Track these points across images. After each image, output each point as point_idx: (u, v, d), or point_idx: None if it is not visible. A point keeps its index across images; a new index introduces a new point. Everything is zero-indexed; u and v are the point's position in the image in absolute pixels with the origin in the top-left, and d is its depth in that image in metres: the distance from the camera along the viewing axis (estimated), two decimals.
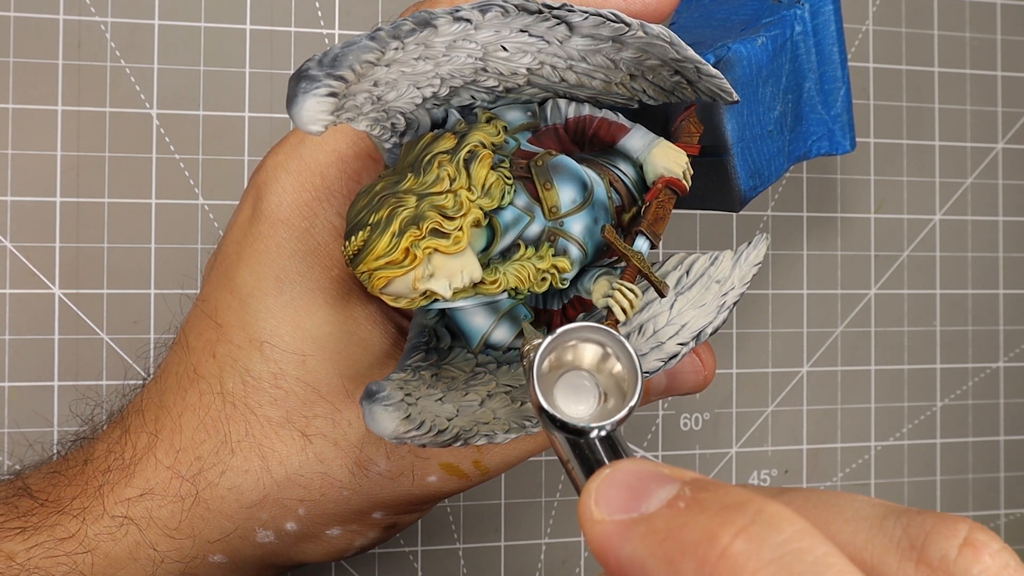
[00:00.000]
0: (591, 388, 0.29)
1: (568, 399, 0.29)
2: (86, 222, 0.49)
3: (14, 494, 0.39)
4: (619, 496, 0.24)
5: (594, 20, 0.31)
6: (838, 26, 0.43)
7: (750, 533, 0.22)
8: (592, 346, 0.29)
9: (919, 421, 0.60)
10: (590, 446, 0.28)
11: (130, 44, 0.50)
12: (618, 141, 0.35)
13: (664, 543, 0.23)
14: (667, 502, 0.23)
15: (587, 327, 0.29)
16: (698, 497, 0.23)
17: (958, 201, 0.60)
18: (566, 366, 0.29)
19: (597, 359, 0.29)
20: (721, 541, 0.22)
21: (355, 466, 0.38)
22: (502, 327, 0.34)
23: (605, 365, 0.29)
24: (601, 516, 0.24)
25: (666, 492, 0.24)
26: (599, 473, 0.25)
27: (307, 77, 0.28)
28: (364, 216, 0.30)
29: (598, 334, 0.29)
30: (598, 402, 0.29)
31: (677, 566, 0.22)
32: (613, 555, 0.24)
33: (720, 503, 0.23)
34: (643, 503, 0.24)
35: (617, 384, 0.29)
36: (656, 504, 0.24)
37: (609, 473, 0.25)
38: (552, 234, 0.33)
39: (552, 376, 0.29)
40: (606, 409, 0.29)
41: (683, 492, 0.24)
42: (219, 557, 0.39)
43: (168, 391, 0.39)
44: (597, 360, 0.29)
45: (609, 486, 0.25)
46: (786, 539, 0.22)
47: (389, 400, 0.31)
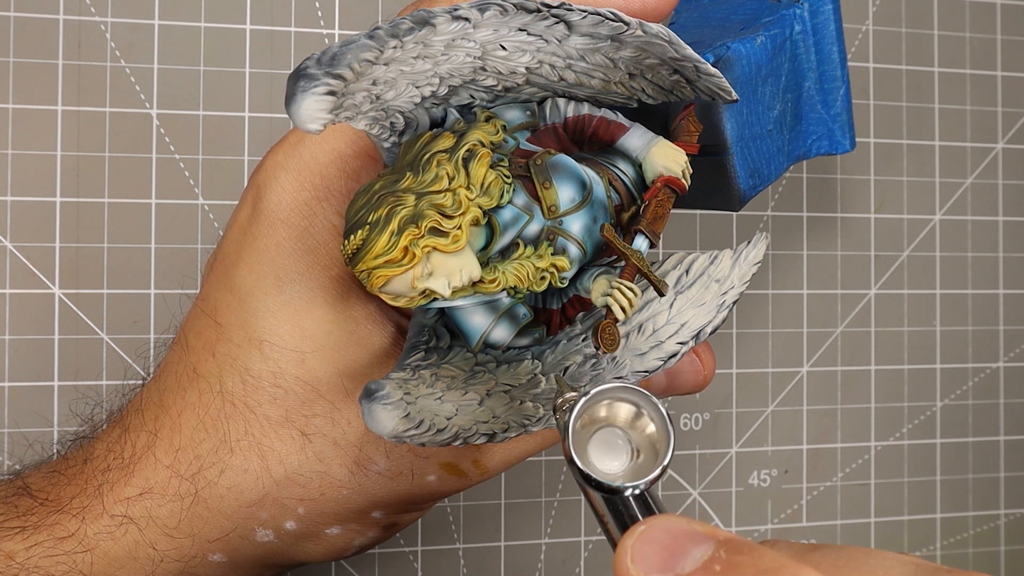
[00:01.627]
0: (624, 445, 0.30)
1: (602, 455, 0.29)
2: (86, 222, 0.49)
3: (14, 493, 0.39)
4: (654, 554, 0.25)
5: (593, 19, 0.31)
6: (837, 25, 0.43)
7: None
8: (626, 405, 0.29)
9: (919, 421, 0.60)
10: (624, 502, 0.29)
11: (130, 44, 0.50)
12: (617, 140, 0.35)
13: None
14: (702, 564, 0.24)
15: (622, 388, 0.29)
16: (733, 560, 0.24)
17: (958, 201, 0.60)
18: (600, 422, 0.30)
19: (631, 417, 0.29)
20: None
21: (354, 465, 0.38)
22: (501, 326, 0.34)
23: (638, 423, 0.29)
24: (637, 573, 0.25)
25: (701, 552, 0.24)
26: (634, 530, 0.25)
27: (306, 76, 0.28)
28: (363, 215, 0.30)
29: (632, 395, 0.29)
30: (631, 458, 0.30)
31: None
32: None
33: (755, 568, 0.23)
34: (679, 562, 0.24)
35: (650, 441, 0.29)
36: (692, 565, 0.24)
37: (644, 530, 0.25)
38: (551, 233, 0.33)
39: (586, 432, 0.29)
40: (639, 465, 0.29)
41: (718, 555, 0.24)
42: (218, 556, 0.39)
43: (167, 390, 0.39)
44: (631, 419, 0.30)
45: (644, 543, 0.25)
46: None
47: (388, 399, 0.31)
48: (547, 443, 0.39)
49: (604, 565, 0.55)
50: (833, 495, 0.58)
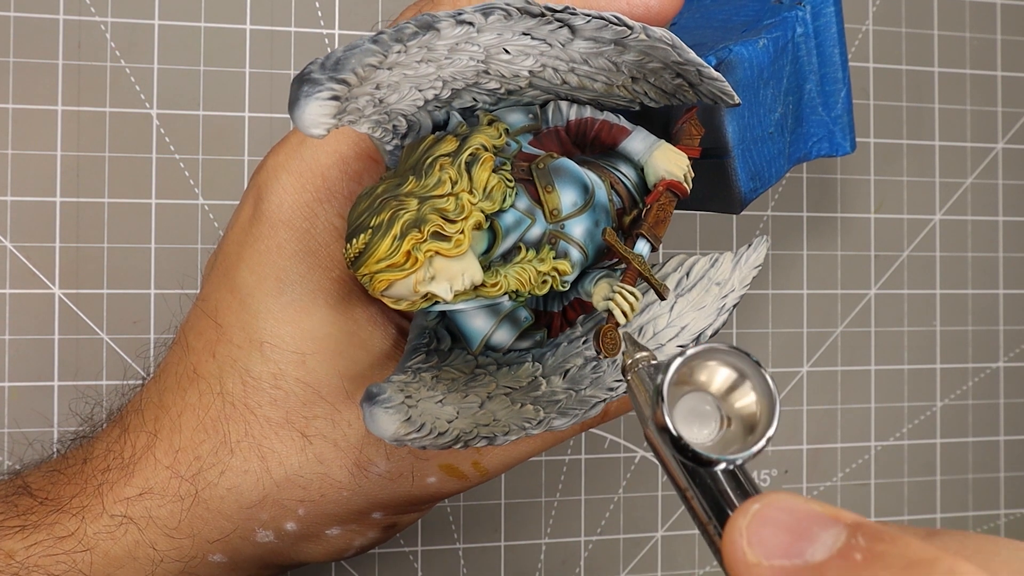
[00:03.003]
0: (712, 412, 0.27)
1: (689, 422, 0.27)
2: (86, 222, 0.49)
3: (14, 492, 0.39)
4: (776, 537, 0.22)
5: (596, 23, 0.31)
6: (839, 28, 0.43)
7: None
8: (726, 370, 0.27)
9: (919, 421, 0.60)
10: (713, 476, 0.26)
11: (130, 44, 0.50)
12: (619, 143, 0.35)
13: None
14: (838, 552, 0.22)
15: (728, 350, 0.26)
16: (876, 550, 0.21)
17: (958, 201, 0.60)
18: (690, 386, 0.27)
19: (727, 384, 0.27)
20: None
21: (355, 467, 0.38)
22: (502, 329, 0.34)
23: (734, 392, 0.27)
24: (757, 559, 0.22)
25: (831, 537, 0.22)
26: (747, 508, 0.23)
27: (309, 80, 0.28)
28: (366, 219, 0.30)
29: (737, 359, 0.26)
30: (719, 427, 0.27)
31: None
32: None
33: (903, 559, 0.21)
34: (807, 547, 0.22)
35: (741, 411, 0.27)
36: (823, 551, 0.22)
37: (759, 509, 0.23)
38: (553, 237, 0.33)
39: (672, 396, 0.26)
40: (728, 435, 0.27)
41: (856, 542, 0.22)
42: (219, 557, 0.39)
43: (167, 391, 0.39)
44: (727, 384, 0.27)
45: (762, 525, 0.23)
46: None
47: (390, 402, 0.31)
48: (547, 445, 0.39)
49: (604, 565, 0.55)
50: (833, 495, 0.58)
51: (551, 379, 0.35)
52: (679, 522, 0.56)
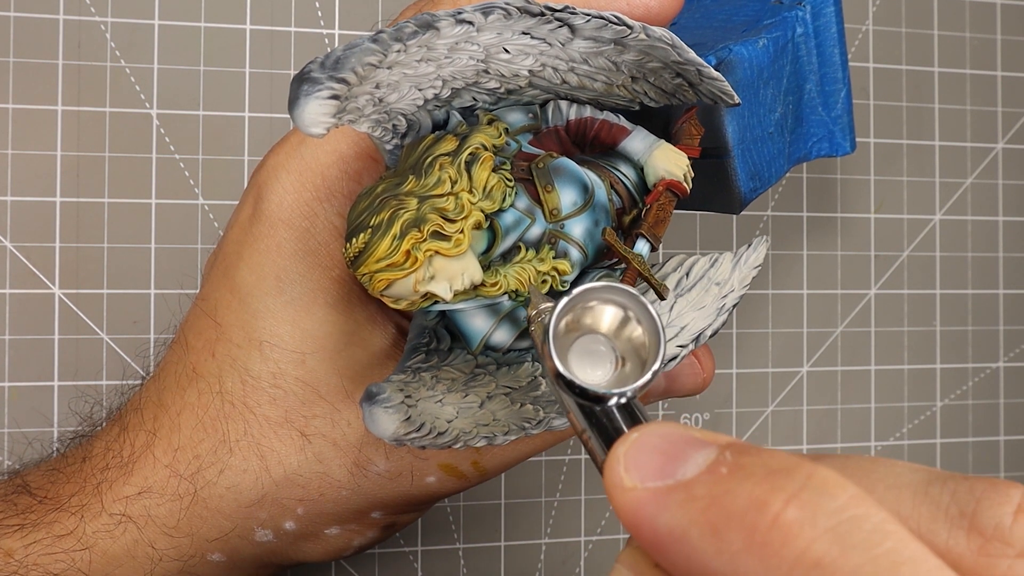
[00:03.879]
0: (607, 353, 0.27)
1: (583, 364, 0.27)
2: (86, 222, 0.49)
3: (13, 491, 0.39)
4: (651, 461, 0.23)
5: (596, 23, 0.31)
6: (839, 28, 0.43)
7: (802, 500, 0.20)
8: (611, 308, 0.27)
9: (919, 421, 0.60)
10: (608, 414, 0.26)
11: (130, 44, 0.50)
12: (619, 143, 0.35)
13: (707, 511, 0.21)
14: (706, 467, 0.22)
15: (607, 287, 0.27)
16: (741, 462, 0.22)
17: (958, 201, 0.60)
18: (581, 330, 0.27)
19: (616, 323, 0.27)
20: (772, 508, 0.20)
21: (354, 466, 0.38)
22: (502, 329, 0.34)
23: (624, 330, 0.27)
24: (632, 483, 0.23)
25: (703, 457, 0.22)
26: (626, 437, 0.23)
27: (309, 79, 0.28)
28: (365, 218, 0.30)
29: (618, 295, 0.27)
30: (614, 368, 0.27)
31: (723, 535, 0.21)
32: (648, 524, 0.22)
33: (766, 468, 0.21)
34: (679, 469, 0.22)
35: (635, 349, 0.27)
36: (694, 470, 0.22)
37: (638, 437, 0.23)
38: (553, 236, 0.33)
39: (566, 340, 0.27)
40: (624, 375, 0.27)
41: (723, 457, 0.22)
42: (217, 556, 0.39)
43: (167, 390, 0.39)
44: (616, 324, 0.27)
45: (639, 451, 0.23)
46: (841, 506, 0.20)
47: (389, 402, 0.31)
48: (546, 444, 0.39)
49: (604, 565, 0.55)
50: None
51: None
52: None
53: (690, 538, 0.21)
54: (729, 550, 0.21)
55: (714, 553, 0.21)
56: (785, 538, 0.20)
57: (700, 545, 0.21)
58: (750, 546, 0.20)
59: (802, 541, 0.20)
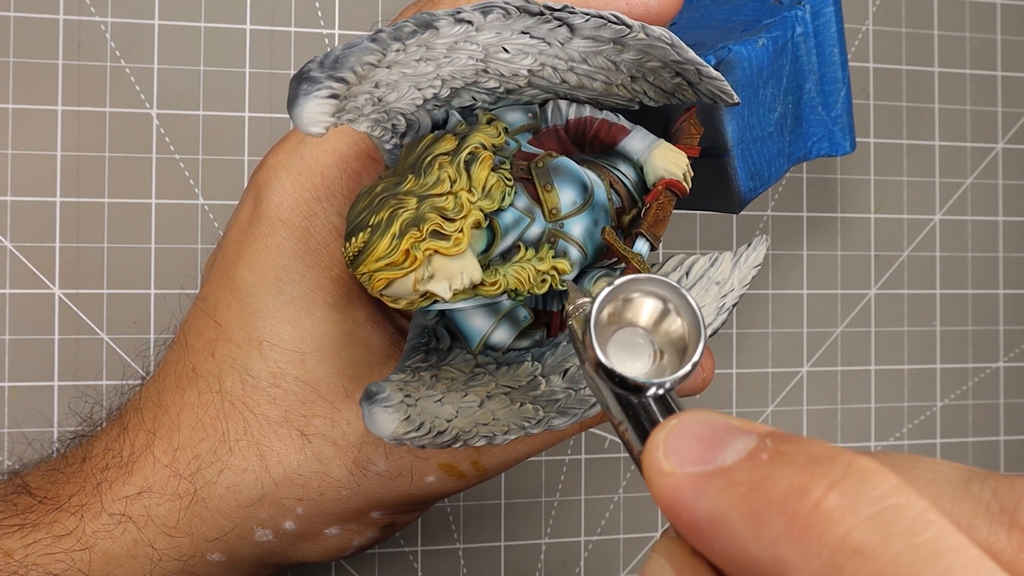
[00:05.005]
0: (645, 346, 0.27)
1: (622, 356, 0.27)
2: (86, 222, 0.49)
3: (13, 491, 0.39)
4: (691, 447, 0.23)
5: (595, 22, 0.31)
6: (839, 27, 0.43)
7: (844, 487, 0.20)
8: (651, 300, 0.27)
9: (919, 421, 0.60)
10: (644, 406, 0.26)
11: (130, 44, 0.50)
12: (618, 143, 0.35)
13: (747, 496, 0.21)
14: (747, 454, 0.22)
15: (649, 279, 0.27)
16: (781, 449, 0.22)
17: (958, 201, 0.60)
18: (621, 322, 0.27)
19: (655, 316, 0.27)
20: (813, 495, 0.20)
21: (354, 466, 0.38)
22: (502, 328, 0.34)
23: (663, 323, 0.27)
24: (672, 468, 0.23)
25: (743, 444, 0.23)
26: (666, 424, 0.24)
27: (308, 79, 0.28)
28: (364, 217, 0.30)
29: (660, 287, 0.27)
30: (652, 360, 0.27)
31: (763, 520, 0.21)
32: (687, 509, 0.22)
33: (807, 455, 0.21)
34: (719, 455, 0.23)
35: (673, 343, 0.27)
36: (733, 456, 0.22)
37: (677, 424, 0.24)
38: (552, 236, 0.33)
39: (606, 332, 0.27)
40: (661, 367, 0.27)
41: (764, 444, 0.22)
42: (217, 556, 0.39)
43: (167, 390, 0.39)
44: (655, 317, 0.27)
45: (679, 437, 0.23)
46: (882, 495, 0.20)
47: (389, 401, 0.31)
48: (546, 444, 0.39)
49: (604, 565, 0.55)
50: None
51: (550, 378, 0.35)
52: None
53: (729, 523, 0.21)
54: (769, 535, 0.21)
55: (754, 537, 0.21)
56: (826, 524, 0.20)
57: (740, 530, 0.21)
58: (790, 531, 0.20)
59: (843, 527, 0.20)
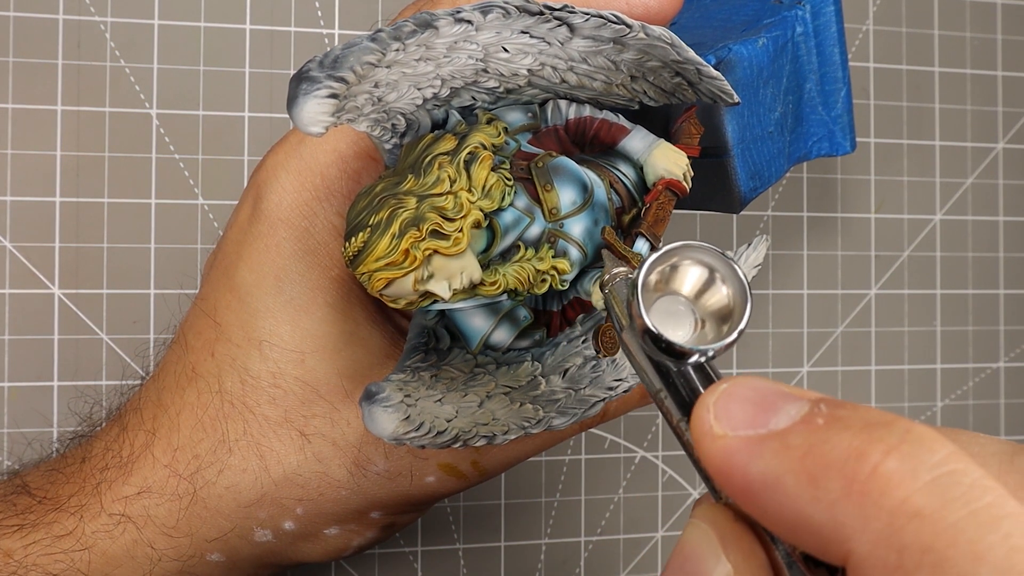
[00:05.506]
0: (686, 314, 0.27)
1: (664, 324, 0.26)
2: (86, 222, 0.49)
3: (12, 492, 0.39)
4: (742, 411, 0.23)
5: (595, 22, 0.30)
6: (839, 27, 0.43)
7: (903, 452, 0.20)
8: (697, 268, 0.27)
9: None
10: (684, 375, 0.26)
11: (130, 44, 0.50)
12: (618, 142, 0.35)
13: (804, 459, 0.21)
14: (801, 418, 0.22)
15: (700, 247, 0.26)
16: (837, 414, 0.22)
17: (958, 201, 0.60)
18: (664, 290, 0.27)
19: (699, 285, 0.27)
20: (871, 459, 0.21)
21: (353, 466, 0.38)
22: (501, 328, 0.34)
23: (706, 292, 0.27)
24: (723, 431, 0.23)
25: (796, 408, 0.23)
26: (716, 387, 0.24)
27: (308, 78, 0.28)
28: (364, 217, 0.30)
29: (708, 255, 0.27)
30: (693, 329, 0.27)
31: (820, 483, 0.21)
32: (740, 472, 0.22)
33: (863, 420, 0.21)
34: (771, 418, 0.23)
35: (714, 312, 0.27)
36: (787, 420, 0.22)
37: (728, 388, 0.23)
38: (552, 236, 0.33)
39: (648, 298, 0.26)
40: (703, 335, 0.27)
41: (819, 409, 0.22)
42: (217, 556, 0.39)
43: (166, 390, 0.39)
44: (699, 286, 0.27)
45: (730, 400, 0.23)
46: (940, 460, 0.20)
47: (389, 401, 0.31)
48: (546, 444, 0.39)
49: (604, 565, 0.55)
50: None
51: (550, 378, 0.35)
52: (679, 522, 0.56)
53: (785, 485, 0.21)
54: (827, 498, 0.21)
55: (810, 500, 0.21)
56: (885, 487, 0.20)
57: (796, 492, 0.21)
58: (849, 494, 0.20)
59: (902, 491, 0.20)
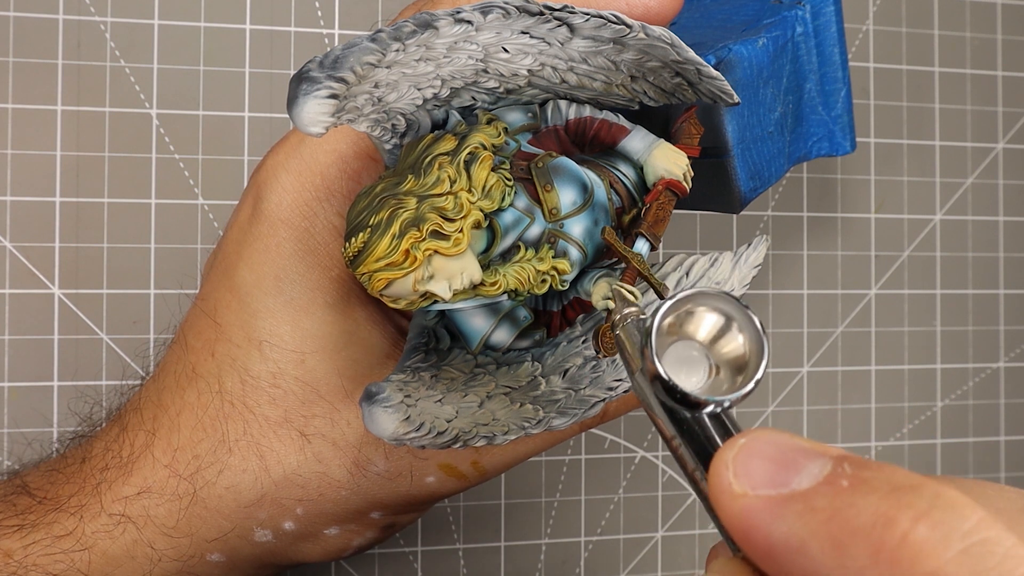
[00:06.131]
0: (701, 361, 0.27)
1: (677, 370, 0.26)
2: (86, 222, 0.49)
3: (12, 492, 0.39)
4: (763, 468, 0.22)
5: (595, 22, 0.30)
6: (839, 27, 0.43)
7: (933, 519, 0.20)
8: (714, 316, 0.27)
9: (919, 421, 0.60)
10: (699, 422, 0.25)
11: (130, 44, 0.50)
12: (618, 142, 0.35)
13: (829, 524, 0.21)
14: (824, 479, 0.22)
15: (718, 294, 0.26)
16: (862, 476, 0.21)
17: (958, 201, 0.60)
18: (678, 335, 0.27)
19: (714, 331, 0.27)
20: (900, 526, 0.20)
21: (353, 466, 0.38)
22: (502, 328, 0.34)
23: (721, 339, 0.27)
24: (743, 490, 0.22)
25: (817, 467, 0.22)
26: (734, 442, 0.23)
27: (308, 79, 0.28)
28: (364, 218, 0.30)
29: (725, 303, 0.26)
30: (707, 376, 0.27)
31: (847, 550, 0.20)
32: (762, 533, 0.22)
33: (890, 483, 0.21)
34: (793, 477, 0.22)
35: (729, 360, 0.26)
36: (809, 480, 0.22)
37: (746, 443, 0.23)
38: (552, 236, 0.32)
39: (662, 344, 0.26)
40: (717, 383, 0.26)
41: (842, 469, 0.22)
42: (217, 556, 0.39)
43: (166, 390, 0.39)
44: (714, 332, 0.27)
45: (748, 456, 0.23)
46: (972, 528, 0.20)
47: (389, 402, 0.31)
48: (546, 444, 0.39)
49: (604, 565, 0.55)
50: None
51: (550, 378, 0.35)
52: (679, 522, 0.56)
53: (809, 550, 0.21)
54: (854, 565, 0.20)
55: (836, 567, 0.21)
56: (916, 557, 0.20)
57: (820, 558, 0.21)
58: (876, 563, 0.20)
59: (934, 561, 0.20)
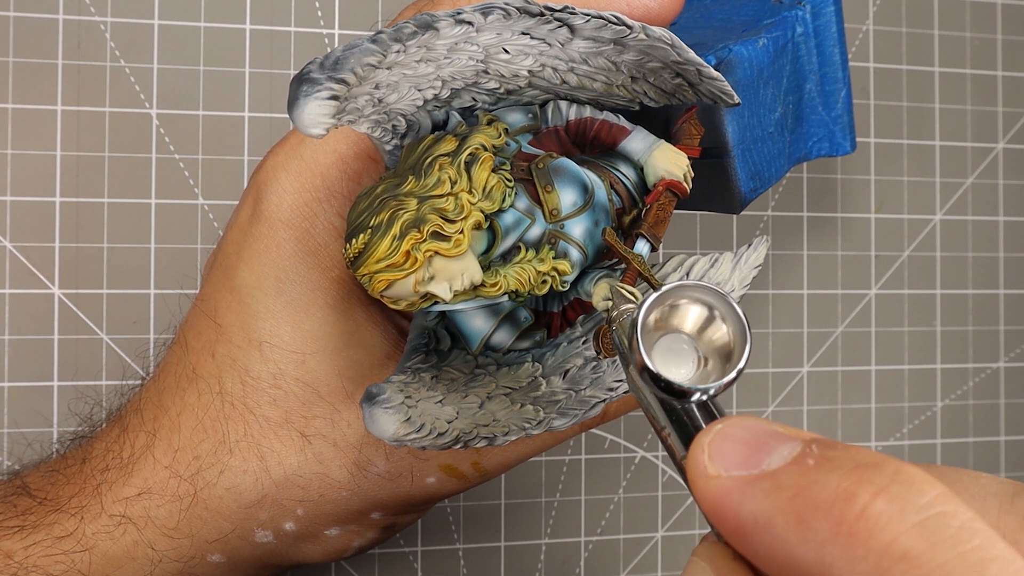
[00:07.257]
0: (689, 352, 0.27)
1: (667, 362, 0.27)
2: (86, 222, 0.49)
3: (12, 493, 0.39)
4: (736, 451, 0.23)
5: (596, 23, 0.30)
6: (839, 27, 0.43)
7: (891, 493, 0.21)
8: (697, 307, 0.27)
9: (919, 421, 0.60)
10: (688, 412, 0.26)
11: (130, 44, 0.50)
12: (619, 143, 0.35)
13: (793, 500, 0.21)
14: (793, 459, 0.22)
15: (697, 286, 0.27)
16: (828, 455, 0.22)
17: (958, 201, 0.60)
18: (666, 328, 0.27)
19: (700, 322, 0.27)
20: (859, 500, 0.21)
21: (354, 467, 0.38)
22: (502, 329, 0.34)
23: (707, 330, 0.27)
24: (716, 471, 0.23)
25: (788, 449, 0.23)
26: (710, 428, 0.24)
27: (308, 80, 0.27)
28: (365, 219, 0.29)
29: (706, 294, 0.27)
30: (696, 367, 0.28)
31: (809, 524, 0.21)
32: (732, 512, 0.22)
33: (853, 461, 0.22)
34: (764, 459, 0.23)
35: (716, 350, 0.27)
36: (779, 461, 0.22)
37: (722, 428, 0.24)
38: (553, 237, 0.32)
39: (651, 337, 0.27)
40: (705, 373, 0.27)
41: (810, 450, 0.22)
42: (217, 557, 0.39)
43: (166, 390, 0.39)
44: (700, 323, 0.27)
45: (723, 441, 0.23)
46: (929, 502, 0.20)
47: (389, 403, 0.31)
48: (546, 445, 0.39)
49: (604, 565, 0.55)
50: None
51: (551, 379, 0.35)
52: (679, 522, 0.56)
53: (775, 526, 0.22)
54: (815, 539, 0.21)
55: (799, 541, 0.21)
56: (872, 529, 0.20)
57: (785, 533, 0.21)
58: (837, 536, 0.21)
59: (889, 533, 0.20)
